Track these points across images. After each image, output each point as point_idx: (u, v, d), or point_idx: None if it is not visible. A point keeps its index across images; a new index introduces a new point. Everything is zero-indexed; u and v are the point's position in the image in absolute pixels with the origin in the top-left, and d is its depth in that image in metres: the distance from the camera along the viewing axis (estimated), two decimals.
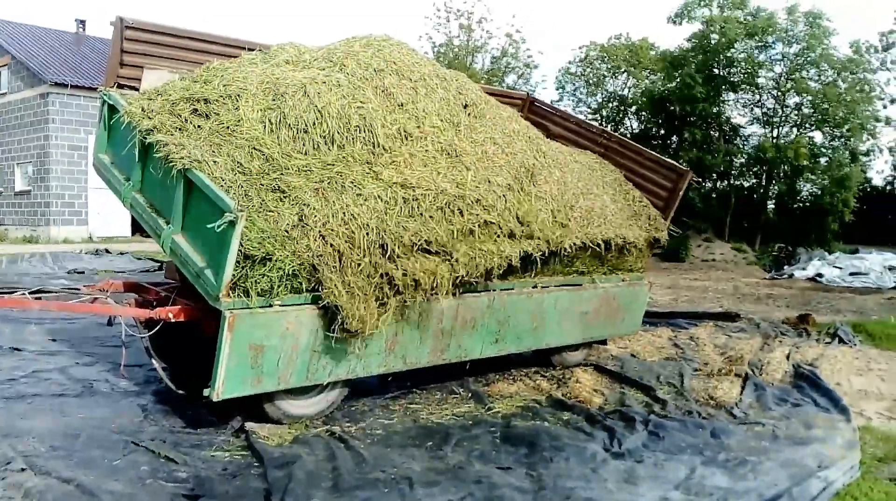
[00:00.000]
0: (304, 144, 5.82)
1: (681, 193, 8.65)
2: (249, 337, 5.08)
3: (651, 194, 8.74)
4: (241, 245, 4.91)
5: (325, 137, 5.93)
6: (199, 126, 5.66)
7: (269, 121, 5.80)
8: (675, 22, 31.42)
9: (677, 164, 8.91)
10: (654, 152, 9.05)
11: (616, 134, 9.33)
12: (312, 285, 5.24)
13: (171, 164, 5.25)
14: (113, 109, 6.14)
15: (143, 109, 5.77)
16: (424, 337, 6.21)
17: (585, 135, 9.29)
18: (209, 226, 4.87)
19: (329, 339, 5.45)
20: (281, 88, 6.01)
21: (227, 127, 5.65)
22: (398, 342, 6.00)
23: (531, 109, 9.62)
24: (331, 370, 5.63)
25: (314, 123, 5.92)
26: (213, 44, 6.91)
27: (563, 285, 7.40)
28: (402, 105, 6.53)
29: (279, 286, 5.11)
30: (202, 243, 5.21)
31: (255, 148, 5.58)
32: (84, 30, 33.56)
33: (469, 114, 7.09)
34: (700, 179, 30.05)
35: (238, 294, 5.00)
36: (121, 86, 6.41)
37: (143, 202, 5.88)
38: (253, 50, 6.89)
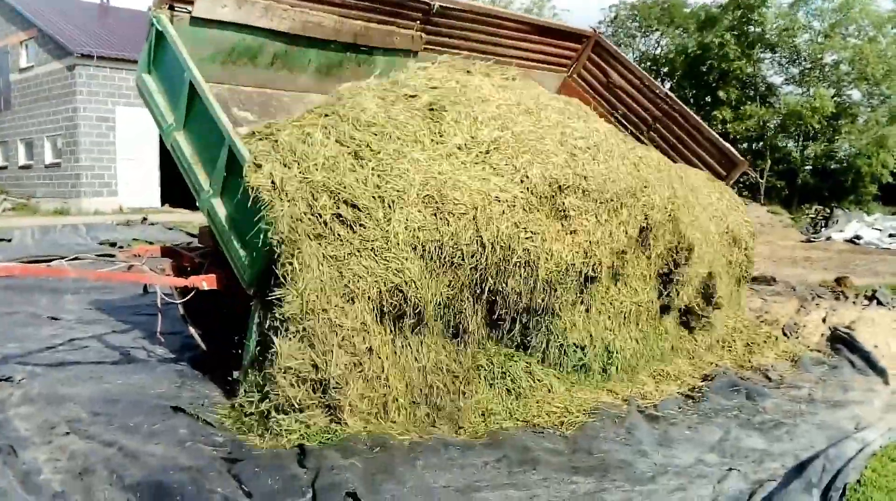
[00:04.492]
0: (450, 285, 5.06)
1: (731, 181, 8.31)
2: None
3: None
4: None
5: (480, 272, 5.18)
6: (339, 236, 4.83)
7: (422, 246, 4.97)
8: None
9: (734, 151, 8.36)
10: (713, 132, 8.44)
11: (680, 102, 8.52)
12: None
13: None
14: (160, 34, 5.82)
15: (273, 184, 4.80)
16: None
17: (647, 94, 8.57)
18: (253, 219, 4.76)
19: None
20: (447, 205, 5.12)
21: (372, 249, 4.85)
22: None
23: (595, 50, 8.82)
24: None
25: (473, 255, 5.13)
26: None
27: None
28: (574, 232, 5.81)
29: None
30: (240, 223, 5.10)
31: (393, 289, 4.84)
32: (108, 1, 33.63)
33: None
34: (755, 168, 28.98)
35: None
36: (172, 7, 5.93)
37: (184, 147, 5.65)
38: None
